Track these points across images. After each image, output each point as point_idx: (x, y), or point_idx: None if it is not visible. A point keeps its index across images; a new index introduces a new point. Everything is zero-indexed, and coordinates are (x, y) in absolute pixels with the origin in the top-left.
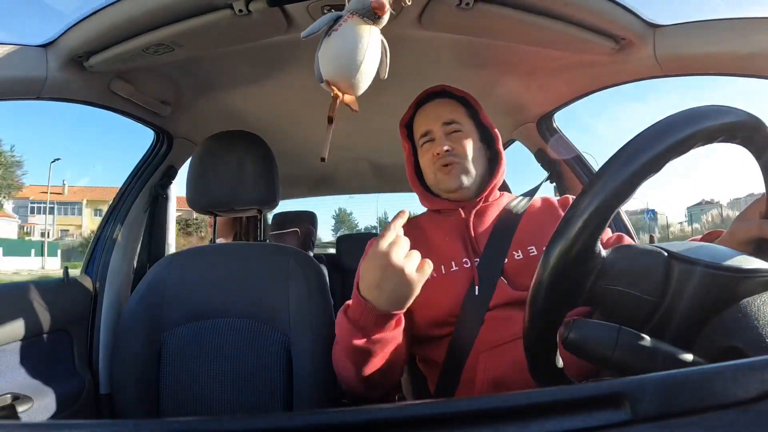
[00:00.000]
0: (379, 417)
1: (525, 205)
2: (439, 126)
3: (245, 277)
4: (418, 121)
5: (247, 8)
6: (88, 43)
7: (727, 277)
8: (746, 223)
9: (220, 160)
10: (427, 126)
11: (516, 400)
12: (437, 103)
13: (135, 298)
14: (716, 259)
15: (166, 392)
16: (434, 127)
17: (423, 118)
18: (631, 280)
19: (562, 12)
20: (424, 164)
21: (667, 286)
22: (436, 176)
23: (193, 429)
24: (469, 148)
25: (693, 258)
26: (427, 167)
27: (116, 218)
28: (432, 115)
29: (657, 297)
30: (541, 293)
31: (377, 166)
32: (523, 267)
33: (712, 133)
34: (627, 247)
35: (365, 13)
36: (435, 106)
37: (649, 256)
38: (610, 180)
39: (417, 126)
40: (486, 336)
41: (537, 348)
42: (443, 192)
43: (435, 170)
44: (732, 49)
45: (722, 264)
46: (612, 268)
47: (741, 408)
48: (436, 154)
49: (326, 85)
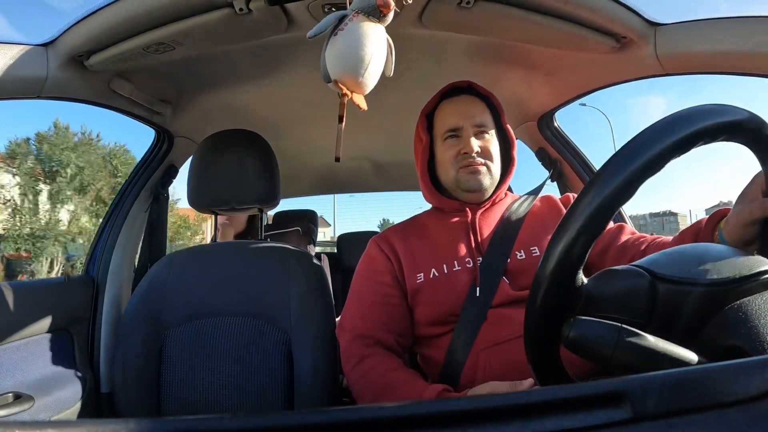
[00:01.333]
0: (379, 416)
1: (528, 205)
2: (470, 125)
3: (246, 275)
4: (445, 114)
5: (248, 7)
6: (88, 42)
7: (711, 291)
8: (748, 205)
9: (221, 158)
10: (456, 122)
11: (517, 398)
12: (466, 100)
13: (136, 297)
14: (700, 273)
15: (167, 391)
16: (465, 125)
17: (451, 112)
18: (617, 306)
19: (562, 10)
20: (445, 159)
21: (653, 308)
22: (458, 174)
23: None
24: (495, 152)
25: (676, 277)
26: (447, 163)
27: (117, 217)
28: (463, 112)
29: (643, 319)
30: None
31: (378, 165)
32: (525, 267)
33: (694, 138)
34: (609, 272)
35: (371, 12)
36: (465, 102)
37: (631, 279)
38: (598, 194)
39: (442, 119)
40: (486, 335)
41: (538, 347)
42: (461, 191)
43: (458, 168)
44: (733, 48)
45: (705, 280)
46: (596, 296)
47: (742, 407)
48: (463, 153)
49: (334, 85)
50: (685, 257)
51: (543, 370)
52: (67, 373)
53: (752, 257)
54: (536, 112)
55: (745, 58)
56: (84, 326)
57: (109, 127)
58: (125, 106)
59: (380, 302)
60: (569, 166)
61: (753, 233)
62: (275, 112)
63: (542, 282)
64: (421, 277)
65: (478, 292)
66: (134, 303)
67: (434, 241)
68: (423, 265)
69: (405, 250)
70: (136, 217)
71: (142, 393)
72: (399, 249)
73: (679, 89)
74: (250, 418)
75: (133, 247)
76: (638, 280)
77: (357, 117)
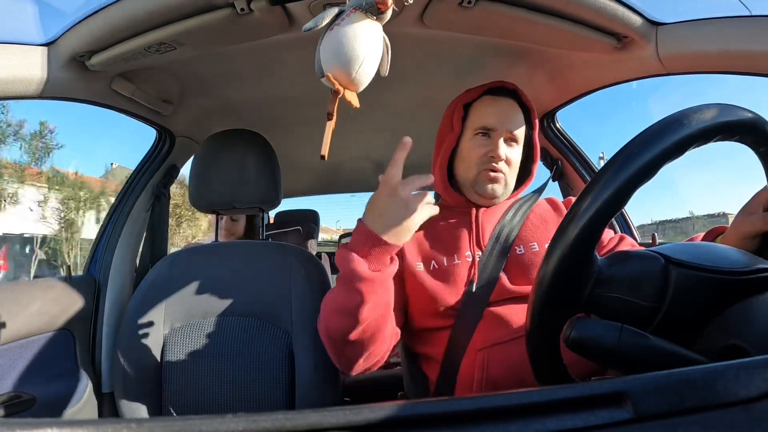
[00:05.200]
0: (380, 416)
1: (531, 204)
2: (505, 129)
3: (247, 275)
4: (484, 109)
5: (249, 7)
6: (89, 43)
7: (724, 279)
8: (749, 217)
9: (222, 158)
10: (494, 122)
11: (518, 398)
12: (509, 103)
13: (137, 296)
14: (714, 260)
15: (168, 391)
16: (501, 128)
17: (492, 111)
18: (629, 287)
19: (564, 10)
20: (470, 156)
21: (665, 292)
22: (479, 176)
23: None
24: (517, 164)
25: (690, 262)
26: (471, 160)
27: (119, 217)
28: (504, 115)
29: (656, 303)
30: (542, 297)
31: (379, 165)
32: (524, 262)
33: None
34: (623, 254)
35: (368, 9)
36: (508, 106)
37: (645, 262)
38: (605, 189)
39: (480, 113)
40: (485, 334)
41: (539, 347)
42: (474, 192)
43: (480, 169)
44: (736, 48)
45: (720, 267)
46: (609, 276)
47: (743, 407)
48: (490, 156)
49: (327, 80)
50: (699, 248)
51: (544, 370)
52: (69, 372)
53: (761, 258)
54: (537, 112)
55: (748, 58)
56: (85, 326)
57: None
58: (127, 106)
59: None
60: (570, 166)
61: (753, 246)
62: (277, 112)
63: (553, 260)
64: (421, 267)
65: (475, 287)
66: (136, 303)
67: (436, 234)
68: (423, 255)
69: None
70: (137, 216)
71: (144, 393)
72: None
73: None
74: (251, 418)
75: (135, 247)
76: (652, 261)
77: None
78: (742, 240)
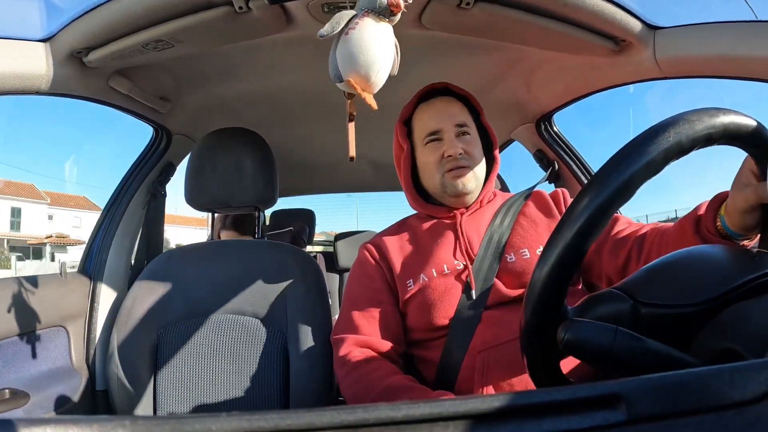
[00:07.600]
0: (376, 416)
1: (519, 206)
2: (452, 126)
3: (243, 274)
4: (423, 118)
5: (247, 5)
6: (87, 39)
7: (691, 312)
8: (743, 191)
9: (219, 157)
10: (436, 124)
11: (513, 400)
12: (445, 101)
13: (132, 294)
14: (683, 294)
15: (162, 389)
16: (445, 127)
17: (429, 115)
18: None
19: (562, 13)
20: (428, 164)
21: (639, 331)
22: (443, 178)
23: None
24: (478, 153)
25: (656, 302)
26: (431, 168)
27: (114, 214)
28: (443, 114)
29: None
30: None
31: (376, 164)
32: (515, 270)
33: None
34: (590, 300)
35: (381, 11)
36: (443, 104)
37: (612, 304)
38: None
39: (421, 123)
40: (481, 337)
41: (534, 349)
42: (447, 196)
43: (443, 172)
44: (733, 52)
45: (685, 302)
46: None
47: (737, 410)
48: (447, 156)
49: (346, 85)
50: (667, 275)
51: (540, 372)
52: (63, 369)
53: (739, 260)
54: (534, 114)
55: (746, 63)
56: (80, 323)
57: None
58: (124, 103)
59: (374, 308)
60: (567, 168)
61: (754, 219)
62: (274, 111)
63: (533, 295)
64: (411, 284)
65: (474, 296)
66: (130, 300)
67: (422, 247)
68: (413, 271)
69: (394, 257)
70: (133, 214)
71: (138, 390)
72: (388, 256)
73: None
74: (245, 417)
75: (130, 245)
76: (620, 305)
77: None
78: (742, 215)
